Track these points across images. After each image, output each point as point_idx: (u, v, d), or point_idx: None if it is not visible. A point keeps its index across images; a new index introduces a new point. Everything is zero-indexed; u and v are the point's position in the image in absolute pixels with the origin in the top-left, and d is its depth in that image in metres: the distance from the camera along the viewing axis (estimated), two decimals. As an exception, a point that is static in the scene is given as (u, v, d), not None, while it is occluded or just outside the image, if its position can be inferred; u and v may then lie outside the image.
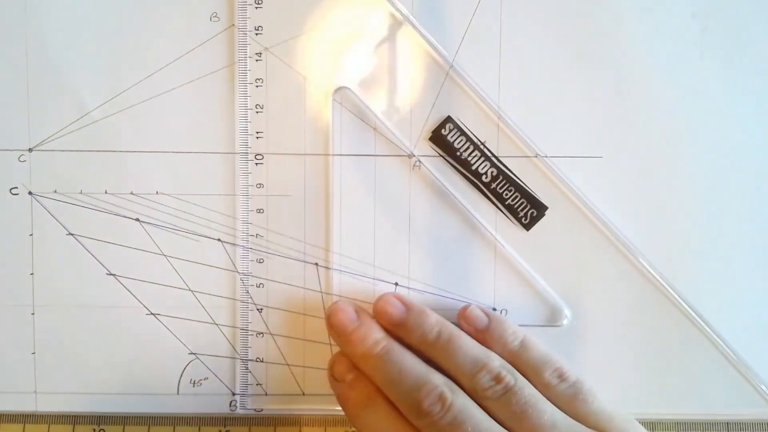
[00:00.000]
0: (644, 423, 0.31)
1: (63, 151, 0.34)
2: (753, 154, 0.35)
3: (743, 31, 0.34)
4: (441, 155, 0.34)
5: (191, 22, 0.34)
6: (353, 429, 0.34)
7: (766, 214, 0.35)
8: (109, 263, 0.35)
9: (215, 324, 0.35)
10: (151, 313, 0.35)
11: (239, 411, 0.35)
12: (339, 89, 0.34)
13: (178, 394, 0.35)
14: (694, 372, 0.35)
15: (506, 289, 0.35)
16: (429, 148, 0.34)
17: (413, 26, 0.34)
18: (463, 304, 0.34)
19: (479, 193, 0.34)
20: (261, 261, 0.34)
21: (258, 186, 0.34)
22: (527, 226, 0.34)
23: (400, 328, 0.32)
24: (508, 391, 0.30)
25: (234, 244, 0.34)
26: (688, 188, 0.35)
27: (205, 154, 0.34)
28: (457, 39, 0.34)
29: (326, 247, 0.34)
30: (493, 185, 0.34)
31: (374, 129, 0.34)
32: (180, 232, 0.34)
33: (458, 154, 0.34)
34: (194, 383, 0.35)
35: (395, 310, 0.32)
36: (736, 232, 0.35)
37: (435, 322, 0.31)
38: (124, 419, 0.35)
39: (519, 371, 0.31)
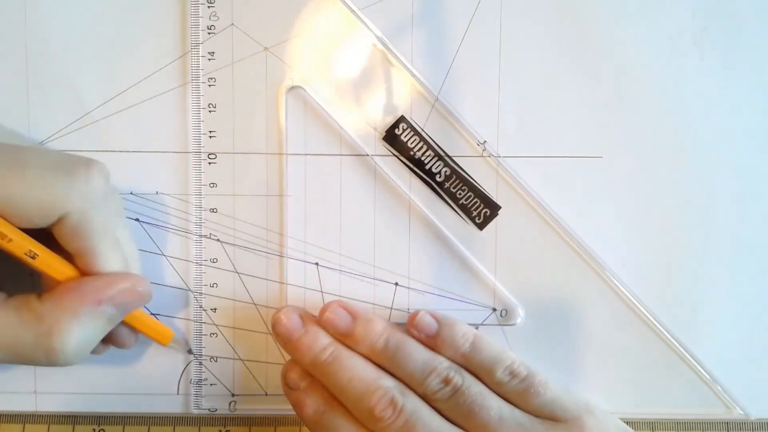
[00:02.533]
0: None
1: (63, 151, 0.34)
2: (753, 154, 0.35)
3: (743, 31, 0.34)
4: (395, 155, 0.34)
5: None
6: None
7: (765, 214, 0.35)
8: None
9: (214, 324, 0.35)
10: (151, 313, 0.35)
11: (195, 411, 0.35)
12: (292, 88, 0.34)
13: (178, 394, 0.35)
14: (649, 371, 0.35)
15: (507, 289, 0.35)
16: (384, 148, 0.34)
17: (365, 24, 0.34)
18: (462, 304, 0.34)
19: (434, 192, 0.34)
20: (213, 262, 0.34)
21: (211, 185, 0.34)
22: (481, 226, 0.34)
23: (348, 339, 0.32)
24: (457, 392, 0.30)
25: (234, 245, 0.34)
26: (688, 188, 0.35)
27: (206, 154, 0.34)
28: (457, 39, 0.34)
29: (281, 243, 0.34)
30: (447, 185, 0.34)
31: (329, 128, 0.34)
32: (180, 233, 0.34)
33: (412, 153, 0.34)
34: (194, 383, 0.35)
35: (341, 321, 0.32)
36: (736, 232, 0.35)
37: (382, 330, 0.32)
38: (124, 419, 0.35)
39: (472, 372, 0.31)
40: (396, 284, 0.35)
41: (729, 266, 0.35)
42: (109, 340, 0.32)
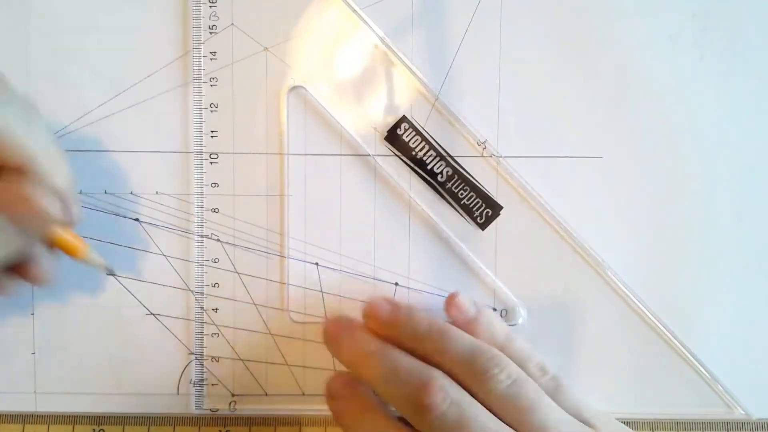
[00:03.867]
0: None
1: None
2: (753, 154, 0.35)
3: (743, 31, 0.34)
4: (396, 155, 0.34)
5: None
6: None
7: (765, 214, 0.35)
8: (109, 263, 0.34)
9: (214, 324, 0.35)
10: (151, 314, 0.35)
11: (195, 411, 0.35)
12: (293, 88, 0.34)
13: (177, 394, 0.35)
14: (649, 370, 0.35)
15: (508, 289, 0.35)
16: (385, 148, 0.34)
17: (367, 24, 0.34)
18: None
19: (435, 192, 0.34)
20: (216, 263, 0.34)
21: (213, 185, 0.34)
22: (482, 226, 0.34)
23: (391, 328, 0.31)
24: (514, 383, 0.29)
25: (234, 245, 0.34)
26: (688, 188, 0.35)
27: (207, 154, 0.34)
28: (457, 39, 0.34)
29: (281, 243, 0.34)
30: (449, 185, 0.34)
31: (330, 128, 0.34)
32: (181, 233, 0.34)
33: (414, 153, 0.34)
34: (194, 383, 0.35)
35: (383, 310, 0.31)
36: (736, 231, 0.35)
37: (424, 315, 0.31)
38: (124, 419, 0.35)
39: None
40: (396, 284, 0.35)
41: (729, 265, 0.35)
42: (19, 270, 0.29)
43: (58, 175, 0.27)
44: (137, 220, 0.34)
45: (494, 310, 0.35)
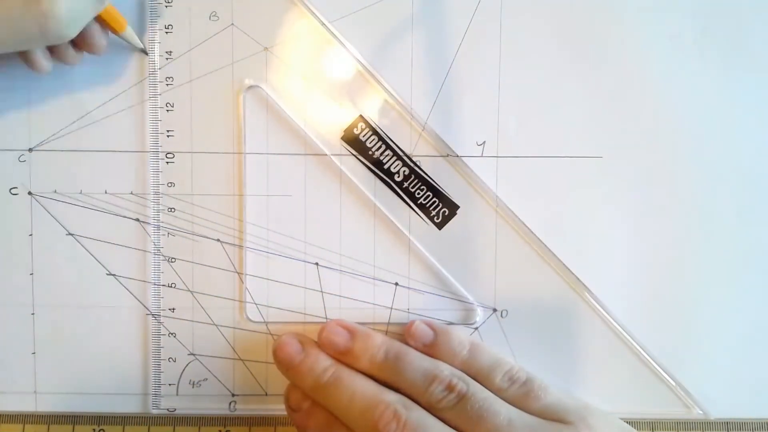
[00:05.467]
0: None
1: (63, 151, 0.34)
2: (752, 154, 0.35)
3: (743, 31, 0.34)
4: (353, 154, 0.34)
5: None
6: None
7: (765, 214, 0.35)
8: (109, 263, 0.35)
9: (214, 324, 0.35)
10: (151, 314, 0.35)
11: (153, 411, 0.35)
12: (250, 88, 0.34)
13: (177, 394, 0.35)
14: (612, 373, 0.35)
15: (507, 289, 0.35)
16: (342, 148, 0.34)
17: (325, 25, 0.34)
18: (463, 304, 0.34)
19: (393, 192, 0.34)
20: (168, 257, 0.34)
21: (169, 185, 0.34)
22: (439, 225, 0.34)
23: (348, 356, 0.32)
24: (462, 398, 0.30)
25: (234, 245, 0.34)
26: (688, 188, 0.35)
27: (206, 154, 0.34)
28: (457, 39, 0.34)
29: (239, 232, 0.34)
30: (406, 184, 0.34)
31: (289, 128, 0.34)
32: (179, 232, 0.34)
33: (370, 153, 0.34)
34: (194, 384, 0.35)
35: (340, 338, 0.32)
36: (735, 231, 0.35)
37: (381, 342, 0.32)
38: (124, 419, 0.35)
39: (471, 377, 0.31)
40: (396, 284, 0.35)
41: (730, 265, 0.35)
42: (82, 44, 0.31)
43: None
44: (137, 220, 0.34)
45: (494, 310, 0.35)
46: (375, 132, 0.34)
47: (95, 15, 0.30)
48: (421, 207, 0.34)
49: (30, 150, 0.34)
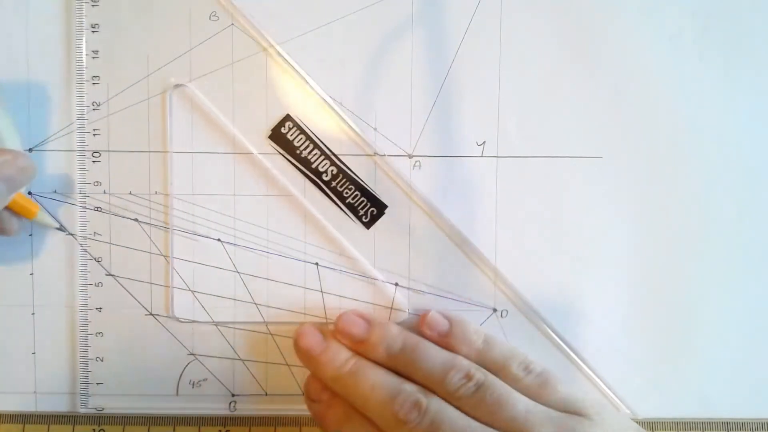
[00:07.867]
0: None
1: (63, 151, 0.34)
2: (753, 154, 0.35)
3: (743, 31, 0.34)
4: (281, 153, 0.34)
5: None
6: None
7: (765, 214, 0.35)
8: (109, 263, 0.35)
9: (214, 324, 0.35)
10: (151, 314, 0.35)
11: (81, 410, 0.35)
12: (177, 87, 0.34)
13: (177, 395, 0.35)
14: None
15: (505, 289, 0.35)
16: (269, 146, 0.34)
17: (250, 21, 0.34)
18: (463, 305, 0.34)
19: (321, 191, 0.34)
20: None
21: (95, 184, 0.34)
22: (367, 225, 0.34)
23: (365, 345, 0.32)
24: (480, 387, 0.30)
25: (234, 245, 0.34)
26: (688, 188, 0.35)
27: (204, 154, 0.34)
28: (457, 39, 0.34)
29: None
30: (333, 183, 0.34)
31: (216, 127, 0.34)
32: (179, 232, 0.34)
33: (298, 152, 0.34)
34: (193, 384, 0.35)
35: (357, 328, 0.32)
36: (736, 231, 0.35)
37: (397, 333, 0.32)
38: (124, 419, 0.35)
39: (486, 368, 0.31)
40: (396, 284, 0.35)
41: (729, 265, 0.35)
42: None
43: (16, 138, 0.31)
44: (137, 220, 0.34)
45: (494, 310, 0.35)
46: (302, 131, 0.34)
47: (1, 208, 0.31)
48: (350, 206, 0.34)
49: (30, 150, 0.34)
